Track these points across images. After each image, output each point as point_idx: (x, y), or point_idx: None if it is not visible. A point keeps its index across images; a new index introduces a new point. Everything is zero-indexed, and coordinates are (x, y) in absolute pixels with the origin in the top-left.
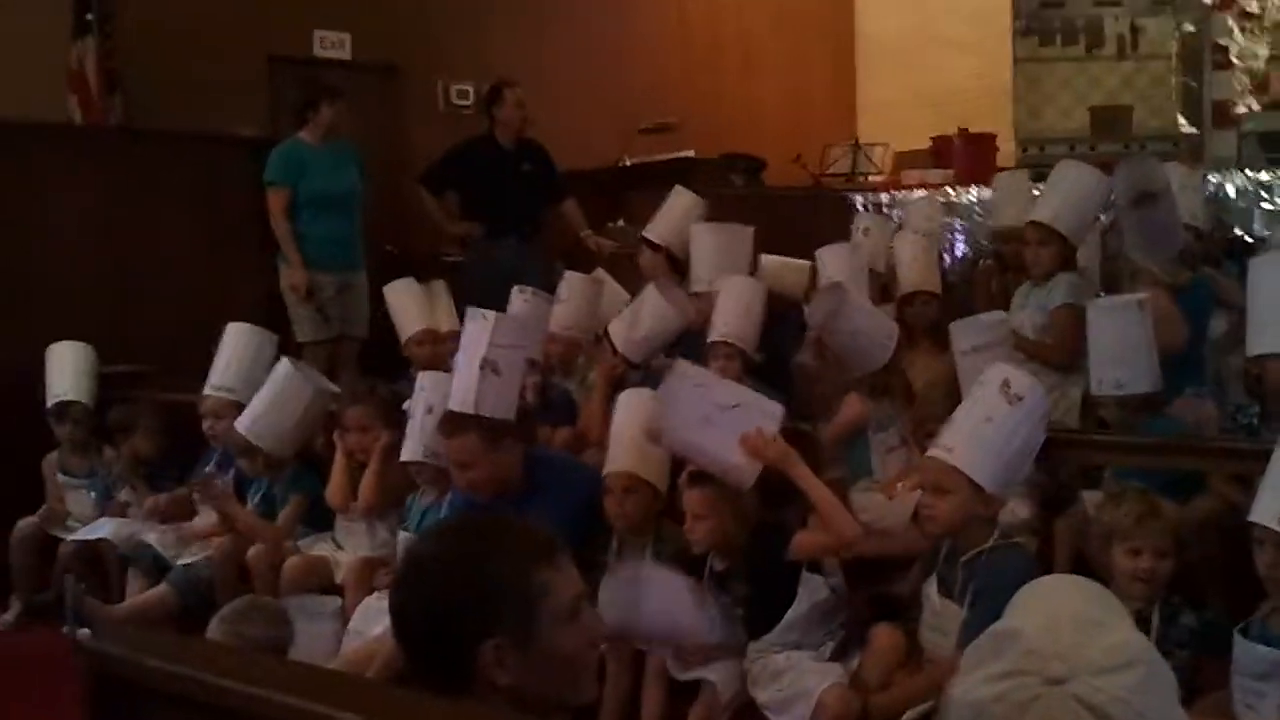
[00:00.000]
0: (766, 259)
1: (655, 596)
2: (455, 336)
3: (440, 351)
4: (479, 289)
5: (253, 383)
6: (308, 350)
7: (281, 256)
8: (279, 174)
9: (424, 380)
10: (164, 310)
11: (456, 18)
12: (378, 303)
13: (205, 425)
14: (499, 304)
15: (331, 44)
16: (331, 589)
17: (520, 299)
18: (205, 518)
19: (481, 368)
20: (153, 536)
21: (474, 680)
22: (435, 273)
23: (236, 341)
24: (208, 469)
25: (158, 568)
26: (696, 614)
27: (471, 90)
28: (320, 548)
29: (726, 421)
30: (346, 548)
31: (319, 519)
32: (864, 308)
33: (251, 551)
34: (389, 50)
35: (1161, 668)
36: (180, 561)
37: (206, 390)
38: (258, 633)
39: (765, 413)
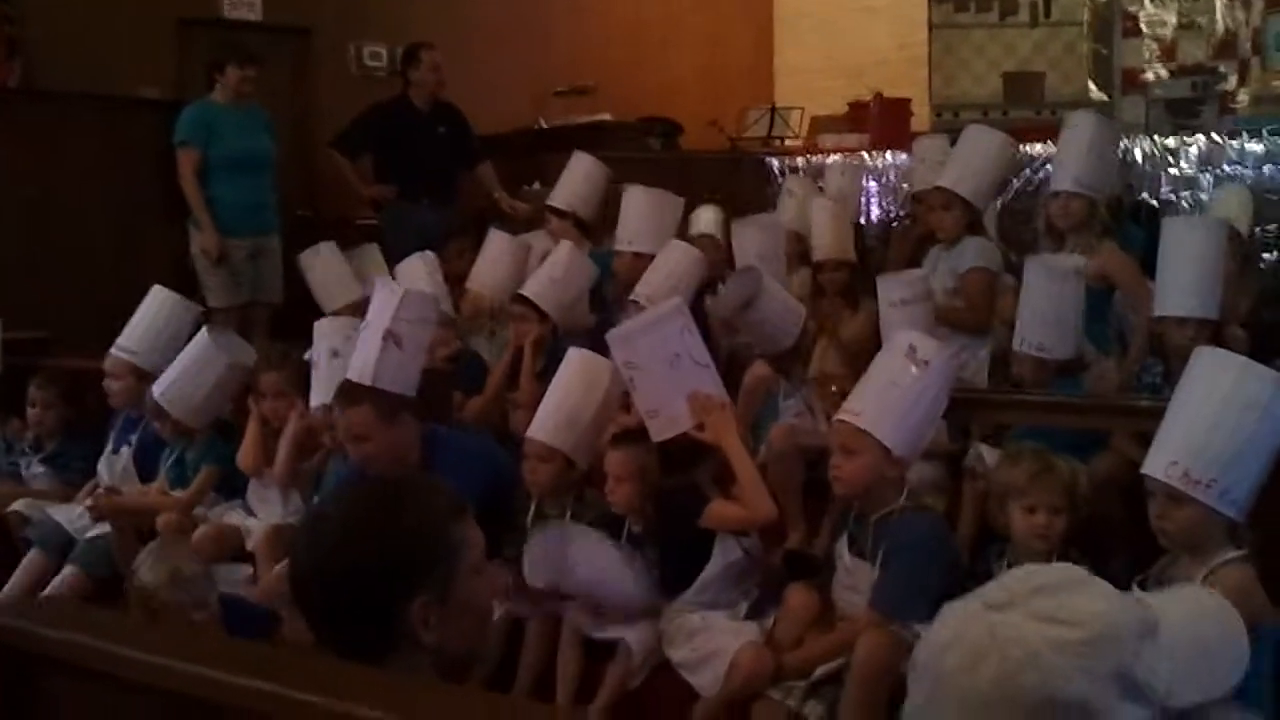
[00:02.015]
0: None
1: (583, 554)
2: None
3: None
4: (394, 252)
5: (158, 349)
6: (218, 315)
7: (192, 220)
8: (188, 134)
9: (323, 327)
10: (70, 275)
11: None
12: (291, 267)
13: (104, 384)
14: None
15: (241, 5)
16: (242, 557)
17: (420, 264)
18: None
19: (384, 339)
20: (60, 513)
21: (397, 641)
22: (350, 236)
23: (150, 306)
24: (114, 434)
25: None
26: (623, 571)
27: (385, 52)
28: (231, 515)
29: (687, 373)
30: (259, 515)
31: (231, 487)
32: (776, 296)
33: (161, 519)
34: (300, 12)
35: (1113, 650)
36: (87, 535)
37: (112, 349)
38: (194, 571)
39: (717, 384)
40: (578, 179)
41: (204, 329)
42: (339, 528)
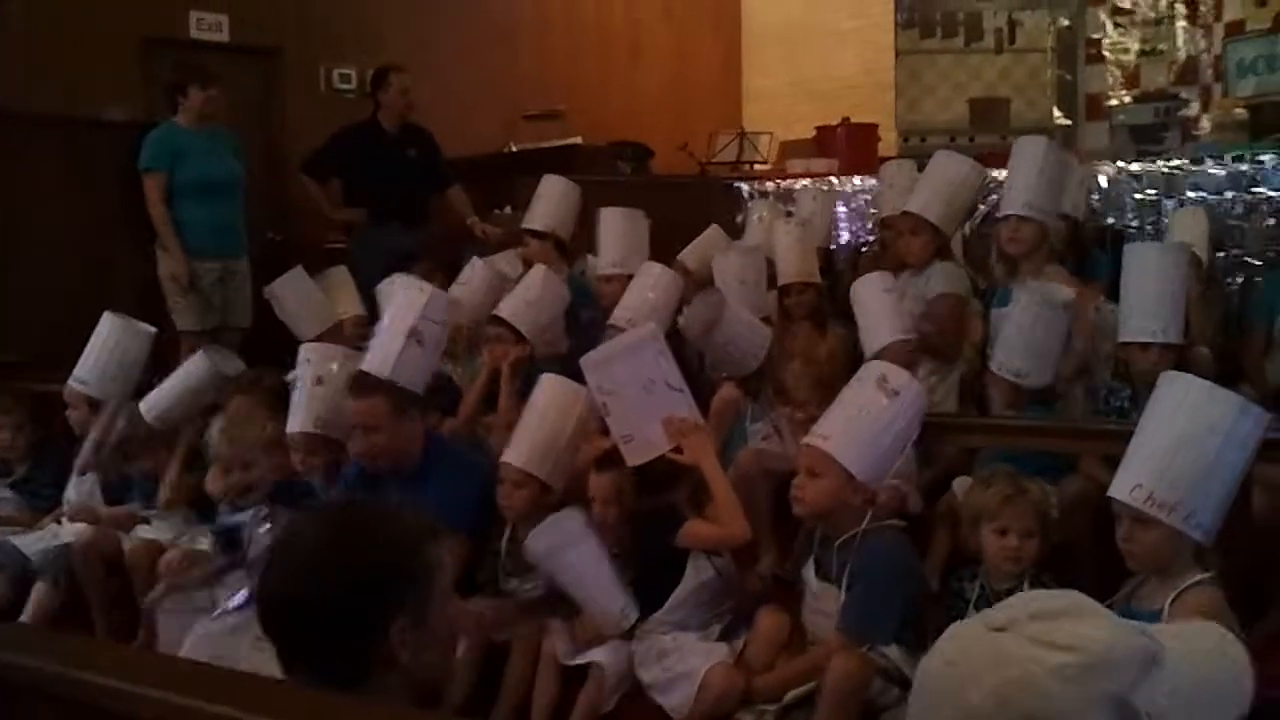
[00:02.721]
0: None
1: (584, 548)
2: (358, 321)
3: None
4: (364, 276)
5: (108, 376)
6: (188, 340)
7: (160, 243)
8: (153, 159)
9: (309, 353)
10: (39, 299)
11: (339, 0)
12: (260, 291)
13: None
14: None
15: (208, 25)
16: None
17: (407, 292)
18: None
19: (408, 336)
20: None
21: (373, 666)
22: (319, 260)
23: (100, 334)
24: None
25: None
26: (612, 584)
27: (354, 74)
28: (201, 541)
29: (661, 398)
30: None
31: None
32: (740, 319)
33: (129, 547)
34: (269, 32)
35: (1108, 676)
36: (37, 548)
37: (69, 379)
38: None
39: (692, 408)
40: (553, 200)
41: (201, 350)
42: (314, 552)
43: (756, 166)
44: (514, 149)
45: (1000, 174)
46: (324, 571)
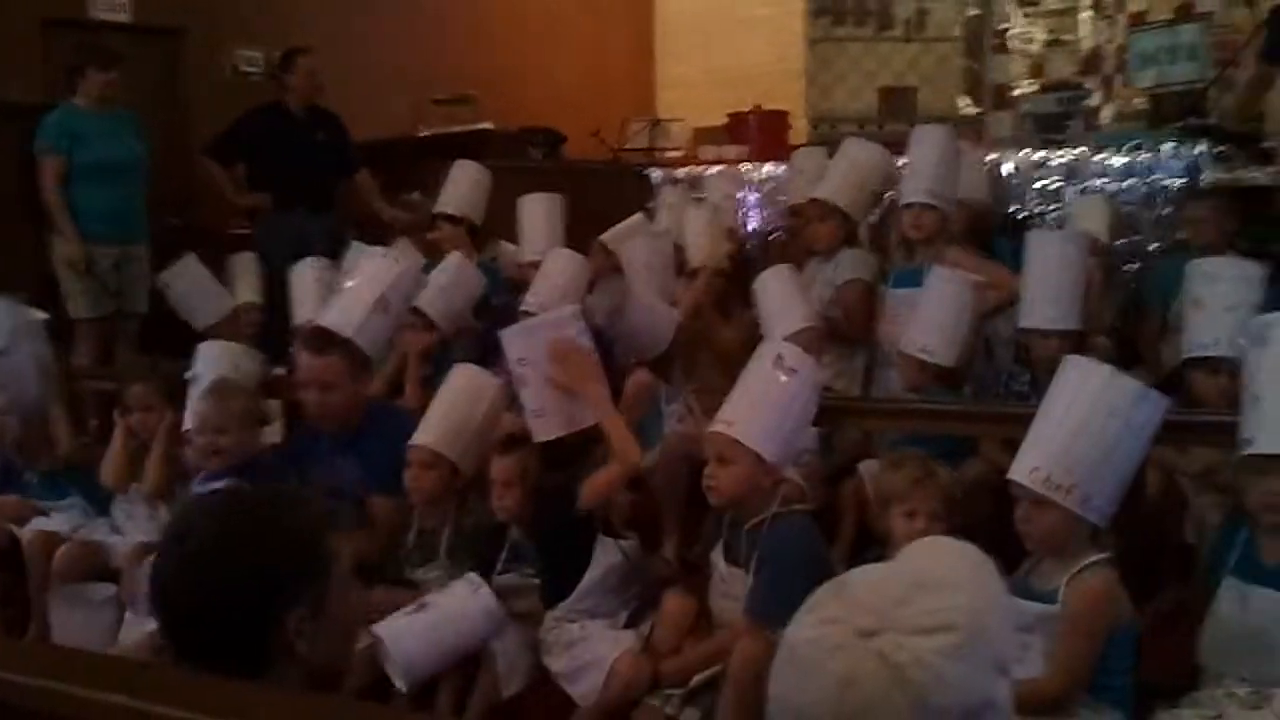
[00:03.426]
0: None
1: (429, 633)
2: (249, 309)
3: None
4: (269, 262)
5: None
6: (83, 327)
7: (55, 228)
8: (50, 141)
9: (210, 351)
10: None
11: None
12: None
13: None
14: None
15: (110, 5)
16: (108, 575)
17: (310, 271)
18: None
19: (376, 301)
20: None
21: (272, 656)
22: (223, 245)
23: None
24: None
25: None
26: (473, 611)
27: (261, 57)
28: (96, 533)
29: None
30: (126, 531)
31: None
32: (644, 305)
33: (27, 538)
34: (172, 13)
35: (985, 638)
36: None
37: None
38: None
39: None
40: (466, 185)
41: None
42: (211, 539)
43: (669, 153)
44: (423, 133)
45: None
46: (218, 560)
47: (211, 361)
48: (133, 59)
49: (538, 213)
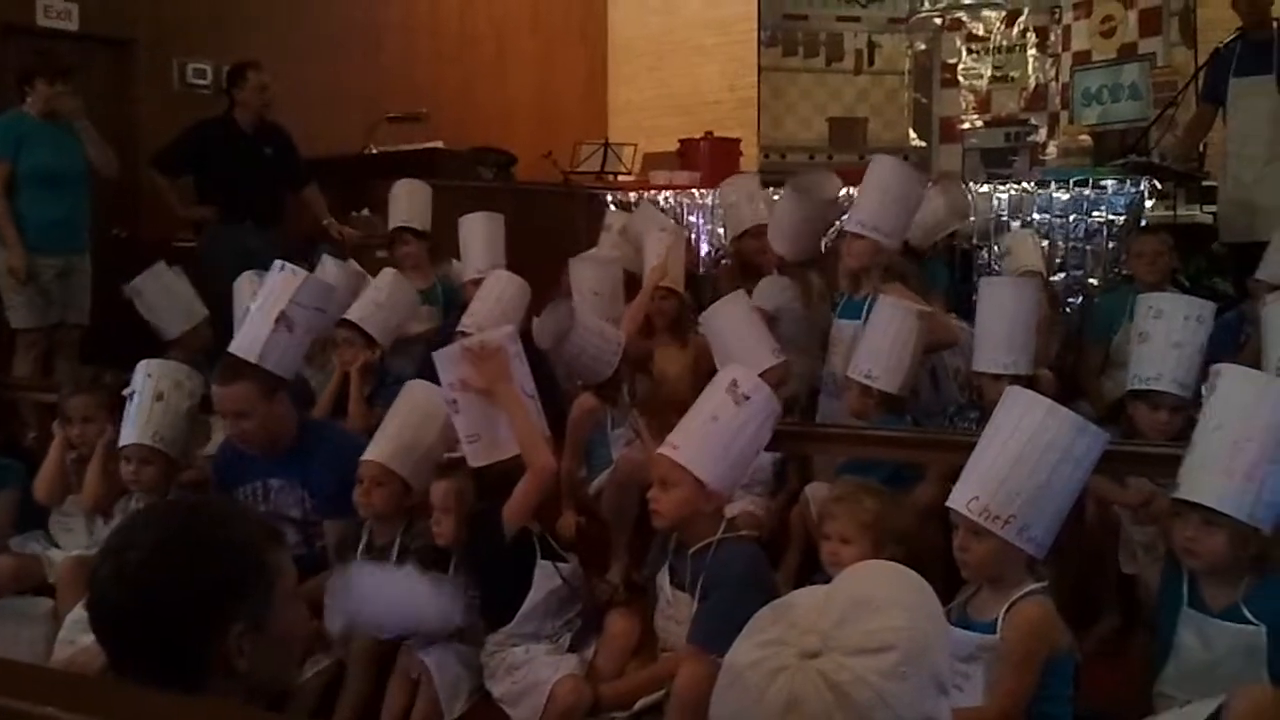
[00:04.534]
0: None
1: (387, 590)
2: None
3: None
4: (214, 276)
5: None
6: (24, 337)
7: None
8: None
9: (150, 367)
10: None
11: None
12: (100, 288)
13: None
14: None
15: (57, 13)
16: (44, 590)
17: (251, 285)
18: None
19: (277, 320)
20: None
21: (211, 671)
22: (168, 259)
23: None
24: None
25: None
26: (436, 600)
27: (210, 69)
28: (31, 546)
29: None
30: (62, 545)
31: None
32: (591, 328)
33: None
34: (121, 23)
35: (925, 658)
36: None
37: None
38: None
39: (540, 416)
40: (422, 201)
41: None
42: (150, 553)
43: (620, 177)
44: (374, 151)
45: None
46: (158, 572)
47: (150, 378)
48: (80, 68)
49: (477, 232)
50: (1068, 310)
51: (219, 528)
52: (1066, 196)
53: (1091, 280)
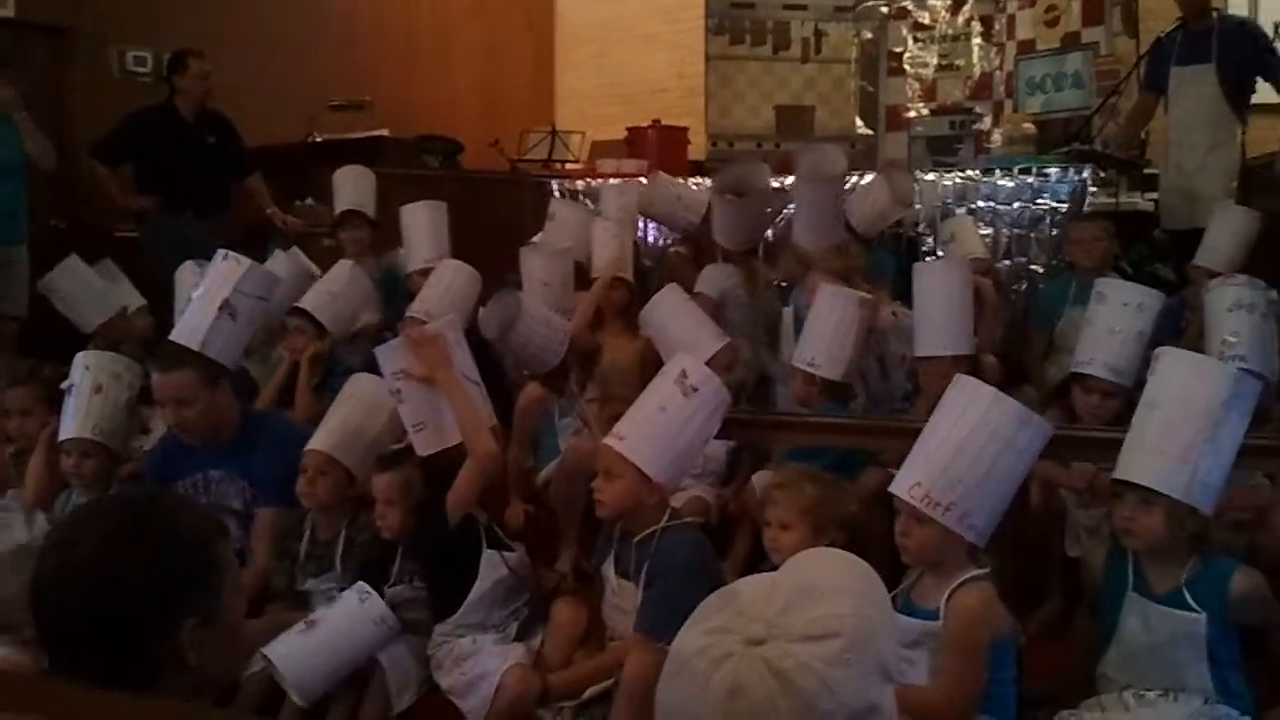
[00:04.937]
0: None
1: (316, 657)
2: (144, 312)
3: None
4: (155, 266)
5: None
6: None
7: None
8: None
9: (89, 359)
10: None
11: None
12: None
13: None
14: None
15: None
16: None
17: (192, 275)
18: None
19: (220, 308)
20: None
21: (162, 667)
22: (109, 249)
23: None
24: None
25: None
26: (366, 629)
27: (150, 57)
28: None
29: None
30: None
31: None
32: (538, 317)
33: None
34: (59, 10)
35: (870, 645)
36: None
37: None
38: None
39: (486, 401)
40: (367, 187)
41: None
42: (96, 549)
43: (568, 165)
44: (318, 139)
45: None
46: (108, 567)
47: (89, 371)
48: (16, 56)
49: (421, 221)
50: (1013, 297)
51: (168, 521)
52: (1011, 184)
53: (1036, 267)
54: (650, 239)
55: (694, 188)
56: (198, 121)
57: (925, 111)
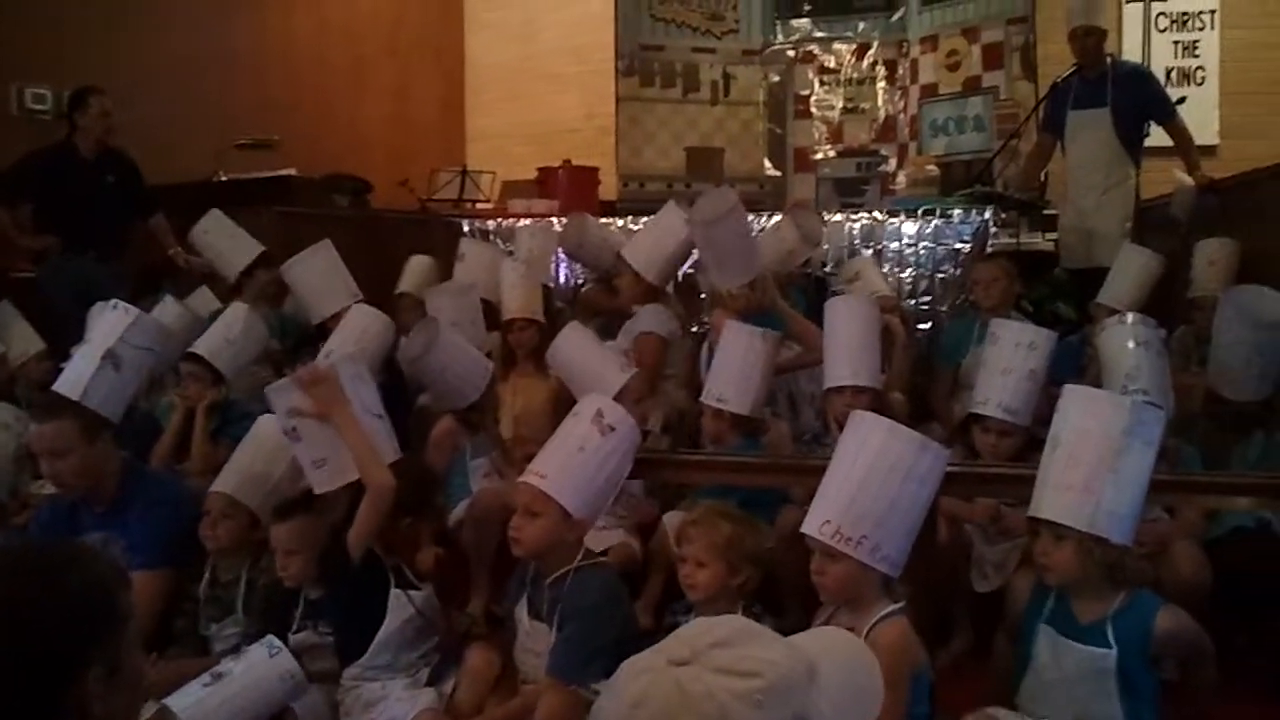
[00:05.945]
0: None
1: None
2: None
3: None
4: (53, 307)
5: None
6: None
7: None
8: None
9: None
10: None
11: (32, 16)
12: None
13: None
14: (77, 323)
15: None
16: None
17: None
18: None
19: (104, 358)
20: None
21: (65, 716)
22: (5, 290)
23: None
24: None
25: None
26: (285, 688)
27: (50, 94)
28: None
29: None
30: None
31: None
32: (457, 345)
33: None
34: None
35: (790, 697)
36: None
37: None
38: None
39: (391, 436)
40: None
41: None
42: None
43: (479, 205)
44: (223, 178)
45: None
46: (12, 616)
47: None
48: None
49: (312, 271)
50: (919, 336)
51: (70, 570)
52: (915, 226)
53: (941, 307)
54: (562, 279)
55: (613, 229)
56: (98, 160)
57: (832, 153)
